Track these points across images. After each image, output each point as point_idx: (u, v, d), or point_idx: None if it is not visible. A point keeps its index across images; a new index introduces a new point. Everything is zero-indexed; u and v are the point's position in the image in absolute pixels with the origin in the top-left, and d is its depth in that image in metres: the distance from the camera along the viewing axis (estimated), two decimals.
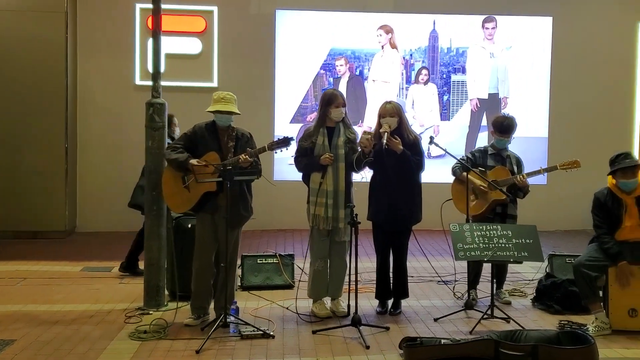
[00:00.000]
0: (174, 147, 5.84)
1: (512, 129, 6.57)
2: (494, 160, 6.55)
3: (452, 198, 6.58)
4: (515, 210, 6.58)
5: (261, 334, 5.57)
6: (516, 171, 6.53)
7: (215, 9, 10.72)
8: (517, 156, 6.68)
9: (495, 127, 6.62)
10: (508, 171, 6.48)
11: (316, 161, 6.05)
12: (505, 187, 6.35)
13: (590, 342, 4.93)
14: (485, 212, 6.46)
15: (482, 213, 6.46)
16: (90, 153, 10.67)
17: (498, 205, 6.48)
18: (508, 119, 6.60)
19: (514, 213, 6.57)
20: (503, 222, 6.42)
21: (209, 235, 5.87)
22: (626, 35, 11.29)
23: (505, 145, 6.61)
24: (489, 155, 6.59)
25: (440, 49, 11.09)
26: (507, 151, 6.64)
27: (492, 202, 6.42)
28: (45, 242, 9.63)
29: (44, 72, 10.00)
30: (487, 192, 6.40)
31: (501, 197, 6.37)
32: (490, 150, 6.63)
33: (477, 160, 6.56)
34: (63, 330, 5.75)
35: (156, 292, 6.34)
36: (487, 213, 6.47)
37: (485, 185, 6.35)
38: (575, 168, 6.49)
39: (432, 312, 6.32)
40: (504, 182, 6.37)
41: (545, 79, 11.19)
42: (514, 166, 6.56)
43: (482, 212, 6.46)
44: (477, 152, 6.67)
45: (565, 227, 11.01)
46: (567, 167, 6.51)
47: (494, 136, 6.66)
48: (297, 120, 10.90)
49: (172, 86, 9.80)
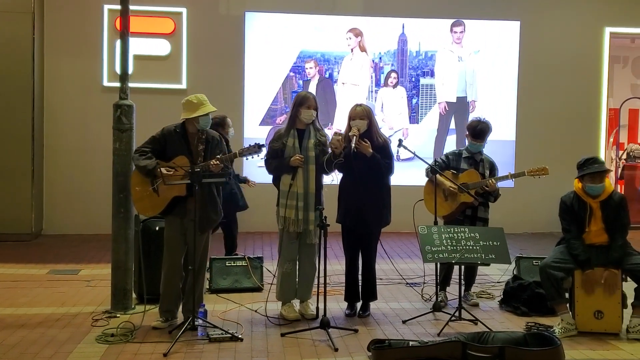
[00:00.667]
0: (142, 152, 5.78)
1: (485, 133, 6.61)
2: (467, 164, 6.59)
3: (424, 198, 6.62)
4: (485, 213, 6.62)
5: (229, 337, 5.55)
6: (487, 175, 6.58)
7: (184, 11, 10.67)
8: (491, 160, 6.73)
9: (469, 131, 6.66)
10: (479, 174, 6.53)
11: (286, 163, 6.05)
12: (474, 190, 6.41)
13: (557, 343, 5.00)
14: (454, 214, 6.52)
15: (451, 214, 6.52)
16: (57, 155, 10.54)
17: (468, 208, 6.54)
18: (482, 124, 6.63)
19: (485, 216, 6.61)
20: (472, 224, 6.48)
21: (178, 239, 5.84)
22: (593, 41, 11.43)
23: (479, 149, 6.64)
24: (462, 158, 6.63)
25: (409, 53, 11.16)
26: (482, 155, 6.68)
27: (461, 204, 6.48)
28: (11, 245, 9.49)
29: (10, 73, 9.87)
30: (456, 194, 6.45)
31: (469, 200, 6.43)
32: (465, 153, 6.66)
33: (450, 162, 6.61)
34: (29, 333, 5.68)
35: (123, 295, 6.30)
36: (456, 214, 6.53)
37: (455, 187, 6.40)
38: (543, 175, 6.56)
39: (401, 314, 6.35)
40: (474, 185, 6.43)
41: (513, 83, 11.30)
42: (486, 170, 6.61)
43: (451, 212, 6.51)
44: (452, 154, 6.71)
45: (532, 229, 11.14)
46: (535, 174, 6.57)
47: (468, 140, 6.68)
48: (267, 122, 10.89)
49: (140, 88, 9.73)
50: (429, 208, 6.51)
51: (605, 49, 11.45)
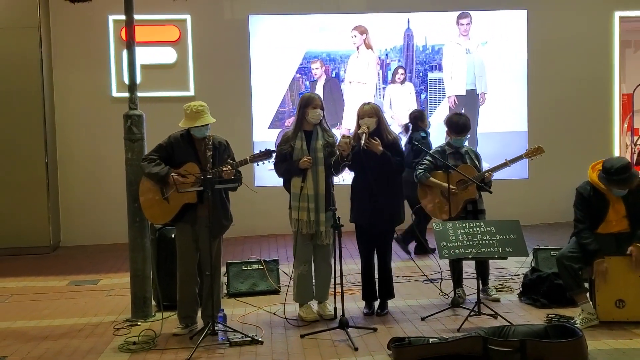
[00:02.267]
0: (150, 159, 5.81)
1: (468, 126, 6.57)
2: (453, 159, 6.52)
3: (422, 204, 6.59)
4: (482, 204, 6.60)
5: (250, 340, 5.58)
6: (478, 165, 6.56)
7: (188, 18, 10.67)
8: (474, 150, 6.74)
9: (451, 127, 6.58)
10: (473, 168, 6.49)
11: (295, 165, 6.05)
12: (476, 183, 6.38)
13: (579, 334, 4.97)
14: (459, 213, 6.45)
15: (456, 215, 6.42)
16: (71, 167, 10.60)
17: (469, 203, 6.49)
18: (463, 117, 6.60)
19: (483, 207, 6.60)
20: (475, 218, 6.44)
21: (190, 245, 5.87)
22: (603, 25, 11.29)
23: (462, 143, 6.60)
24: (447, 154, 6.55)
25: (415, 48, 11.13)
26: (465, 147, 6.65)
27: (464, 202, 6.43)
28: (30, 258, 9.56)
29: (20, 88, 9.92)
30: (456, 193, 6.39)
31: (472, 195, 6.41)
32: (448, 149, 6.59)
33: (437, 162, 6.50)
34: (53, 345, 5.74)
35: (143, 303, 6.34)
36: (460, 213, 6.46)
37: (455, 187, 6.35)
38: (539, 154, 6.52)
39: (419, 311, 6.34)
40: (475, 179, 6.38)
41: (523, 73, 11.24)
42: (475, 160, 6.60)
43: (457, 213, 6.42)
44: (436, 153, 6.60)
45: (548, 220, 11.08)
46: (531, 155, 6.55)
47: (450, 136, 6.63)
48: (276, 125, 10.89)
49: (148, 97, 9.75)
50: (433, 213, 6.48)
51: (616, 33, 11.31)
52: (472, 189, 6.42)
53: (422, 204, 6.57)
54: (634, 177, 5.71)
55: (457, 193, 6.40)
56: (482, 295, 6.47)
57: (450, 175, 6.33)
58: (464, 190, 6.39)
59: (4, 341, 5.88)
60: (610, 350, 5.18)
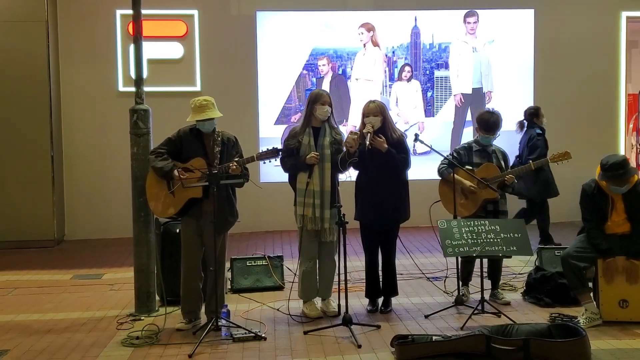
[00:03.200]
0: (158, 153, 5.82)
1: (499, 125, 6.46)
2: (479, 157, 6.45)
3: (441, 200, 6.50)
4: (505, 205, 6.51)
5: (253, 336, 5.58)
6: (503, 166, 6.46)
7: (195, 13, 10.68)
8: (502, 150, 6.59)
9: (481, 124, 6.48)
10: (496, 167, 6.38)
11: (302, 161, 6.05)
12: (497, 184, 6.29)
13: (582, 334, 4.97)
14: (476, 213, 6.38)
15: (474, 214, 6.36)
16: (76, 161, 10.62)
17: (489, 203, 6.40)
18: (494, 115, 6.47)
19: (505, 209, 6.50)
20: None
21: (194, 240, 5.87)
22: (609, 25, 11.28)
23: (491, 141, 6.49)
24: (474, 152, 6.47)
25: (422, 45, 11.11)
26: (492, 146, 6.54)
27: (483, 201, 6.36)
28: (34, 252, 9.58)
29: (27, 82, 9.93)
30: (476, 191, 6.33)
31: (492, 196, 6.30)
32: (475, 146, 6.51)
33: (462, 158, 6.44)
34: (55, 339, 5.75)
35: (147, 298, 6.34)
36: (478, 212, 6.38)
37: (475, 186, 6.30)
38: (566, 160, 6.44)
39: (423, 309, 6.34)
40: (494, 180, 6.28)
41: (529, 72, 11.22)
42: (501, 161, 6.48)
43: (474, 212, 6.37)
44: (462, 149, 6.55)
45: (553, 219, 10.99)
46: (557, 160, 6.45)
47: (479, 133, 6.52)
48: (282, 121, 10.89)
49: (155, 91, 9.75)
50: (449, 209, 6.38)
51: (622, 33, 11.29)
52: (492, 189, 6.32)
53: (442, 200, 6.48)
54: (628, 174, 5.69)
55: (477, 192, 6.32)
56: (491, 298, 6.46)
57: (473, 173, 6.29)
58: (484, 190, 6.28)
59: (7, 334, 5.89)
60: (613, 350, 5.17)
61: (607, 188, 5.80)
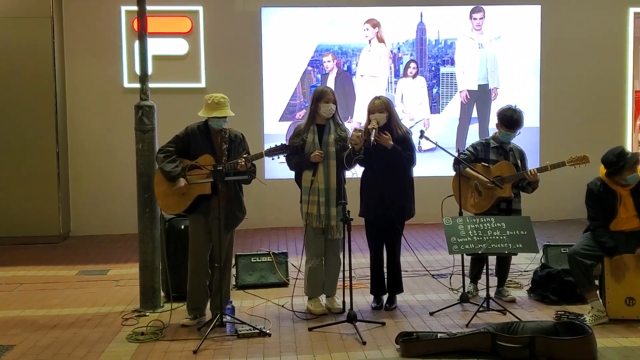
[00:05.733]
0: (166, 153, 5.81)
1: (520, 123, 6.33)
2: (496, 154, 6.34)
3: (454, 194, 6.41)
4: (519, 204, 6.42)
5: (258, 332, 5.58)
6: (520, 165, 6.36)
7: (200, 9, 10.66)
8: (520, 149, 6.47)
9: (503, 121, 6.31)
10: (512, 166, 6.29)
11: (307, 159, 6.04)
12: (512, 182, 6.23)
13: (588, 332, 4.95)
14: (490, 210, 6.31)
15: (487, 210, 6.30)
16: (82, 157, 10.62)
17: (503, 202, 6.32)
18: (517, 113, 6.32)
19: (519, 207, 6.41)
20: None
21: (202, 236, 5.87)
22: (617, 22, 11.22)
23: (511, 139, 6.39)
24: (491, 148, 6.37)
25: (428, 41, 11.08)
26: (510, 144, 6.43)
27: (497, 198, 6.28)
28: (40, 247, 9.60)
29: (32, 78, 9.94)
30: (492, 188, 6.23)
31: (507, 194, 6.24)
32: (493, 143, 6.39)
33: (479, 154, 6.35)
34: (61, 334, 5.77)
35: (152, 294, 6.35)
36: (492, 210, 6.31)
37: (490, 183, 6.19)
38: (583, 164, 6.24)
39: (428, 306, 6.32)
40: (510, 178, 6.22)
41: (536, 69, 11.17)
42: (518, 160, 6.37)
43: (488, 209, 6.30)
44: (479, 145, 6.44)
45: (559, 216, 11.03)
46: (575, 163, 6.24)
47: (499, 129, 6.37)
48: (286, 118, 10.87)
49: (160, 88, 9.74)
50: (463, 206, 6.28)
51: (630, 29, 11.22)
52: (507, 188, 6.22)
53: (455, 195, 6.38)
54: (636, 156, 5.74)
55: (492, 189, 6.26)
56: (497, 295, 6.44)
57: (489, 170, 6.23)
58: (499, 188, 6.24)
59: (13, 330, 5.91)
60: (620, 348, 5.16)
61: (616, 183, 5.78)
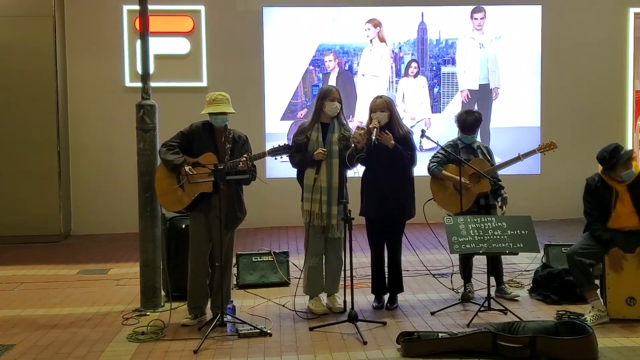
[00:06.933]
0: (169, 146, 5.81)
1: (475, 127, 6.59)
2: (465, 153, 6.51)
3: (434, 198, 6.55)
4: (494, 200, 6.57)
5: (258, 332, 5.58)
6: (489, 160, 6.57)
7: (202, 8, 10.67)
8: (486, 146, 6.77)
9: (459, 124, 6.61)
10: (486, 162, 6.49)
11: (310, 157, 6.04)
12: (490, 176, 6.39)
13: (589, 331, 4.95)
14: (471, 207, 6.44)
15: (468, 209, 6.40)
16: (83, 156, 10.63)
17: (481, 198, 6.48)
18: (471, 116, 6.58)
19: (494, 202, 6.58)
20: (488, 213, 6.44)
21: (203, 235, 5.87)
22: (617, 22, 11.21)
23: (472, 140, 6.62)
24: (460, 149, 6.54)
25: (429, 41, 11.08)
26: (476, 142, 6.67)
27: (477, 195, 6.43)
28: (40, 246, 9.60)
29: (33, 77, 9.94)
30: (469, 186, 6.38)
31: (485, 189, 6.40)
32: (460, 144, 6.59)
33: (449, 156, 6.48)
34: (61, 333, 5.76)
35: (152, 293, 6.35)
36: (472, 207, 6.45)
37: (468, 181, 6.34)
38: (552, 150, 6.52)
39: (429, 305, 6.32)
40: (487, 173, 6.37)
41: (536, 68, 11.17)
42: (487, 156, 6.60)
43: (469, 207, 6.41)
44: (449, 147, 6.58)
45: (560, 216, 11.03)
46: (544, 150, 6.55)
47: (459, 132, 6.65)
48: (288, 117, 10.87)
49: (161, 87, 9.75)
50: (445, 206, 6.46)
51: (630, 30, 11.21)
52: (484, 183, 6.40)
53: (434, 198, 6.54)
54: (629, 152, 5.79)
55: (470, 187, 6.38)
56: (499, 294, 6.45)
57: (463, 169, 6.31)
58: (477, 184, 6.38)
59: (13, 329, 5.90)
60: (621, 348, 5.15)
61: (612, 179, 5.81)
